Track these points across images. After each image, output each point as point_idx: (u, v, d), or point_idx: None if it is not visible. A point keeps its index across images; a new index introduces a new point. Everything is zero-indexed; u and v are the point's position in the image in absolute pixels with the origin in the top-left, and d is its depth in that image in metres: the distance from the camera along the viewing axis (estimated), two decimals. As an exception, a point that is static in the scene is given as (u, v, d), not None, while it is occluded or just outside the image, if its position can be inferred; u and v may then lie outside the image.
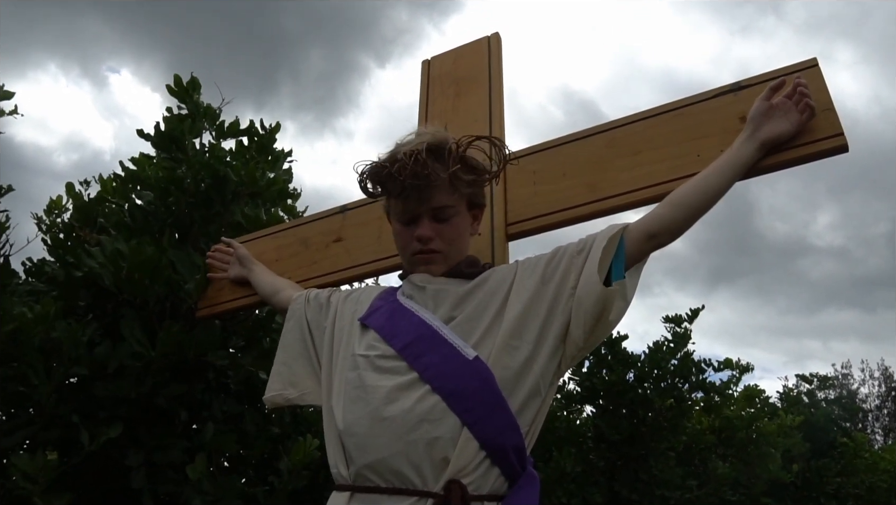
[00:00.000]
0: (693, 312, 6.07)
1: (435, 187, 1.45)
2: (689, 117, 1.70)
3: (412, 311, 1.45)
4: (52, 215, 3.71)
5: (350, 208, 2.16)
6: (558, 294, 1.41)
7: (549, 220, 1.76)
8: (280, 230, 2.32)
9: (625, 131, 1.77)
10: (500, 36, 2.23)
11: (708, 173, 1.48)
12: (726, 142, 1.60)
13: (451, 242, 1.51)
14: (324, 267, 2.11)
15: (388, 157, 1.47)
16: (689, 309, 6.10)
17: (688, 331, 5.98)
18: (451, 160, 1.43)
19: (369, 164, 1.51)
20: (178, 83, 3.14)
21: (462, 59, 2.24)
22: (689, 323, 6.03)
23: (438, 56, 2.32)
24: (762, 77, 1.65)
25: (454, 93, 2.17)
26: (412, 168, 1.40)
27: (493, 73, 2.12)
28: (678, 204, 1.45)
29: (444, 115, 2.13)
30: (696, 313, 6.06)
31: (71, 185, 3.44)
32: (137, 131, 3.09)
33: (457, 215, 1.51)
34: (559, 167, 1.82)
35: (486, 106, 2.04)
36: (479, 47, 2.22)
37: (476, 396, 1.30)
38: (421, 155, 1.40)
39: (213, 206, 2.90)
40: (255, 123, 3.30)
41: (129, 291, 2.46)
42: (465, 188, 1.49)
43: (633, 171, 1.70)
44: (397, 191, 1.48)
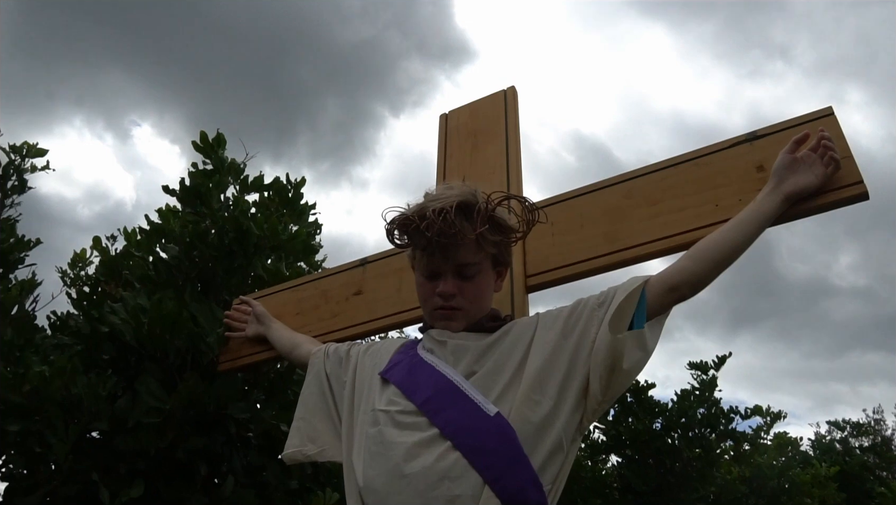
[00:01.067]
0: (720, 360, 5.97)
1: (461, 245, 1.46)
2: (706, 167, 1.70)
3: (432, 365, 1.44)
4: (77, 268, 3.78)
5: (370, 261, 2.18)
6: (579, 347, 1.39)
7: (568, 271, 1.76)
8: (300, 283, 2.34)
9: (642, 182, 1.78)
10: (516, 89, 2.27)
11: (732, 226, 1.47)
12: (744, 191, 1.59)
13: (473, 300, 1.50)
14: (344, 320, 2.11)
15: (417, 212, 1.47)
16: (716, 356, 6.01)
17: (714, 378, 5.87)
18: (480, 220, 1.44)
19: (398, 215, 1.52)
20: (203, 139, 3.22)
21: (479, 111, 2.28)
22: (716, 370, 5.92)
23: (456, 109, 2.36)
24: (778, 126, 1.65)
25: (471, 145, 2.20)
26: (440, 225, 1.41)
27: (509, 125, 2.15)
28: (701, 257, 1.44)
29: (461, 167, 2.16)
30: (722, 361, 5.96)
31: (98, 239, 3.52)
32: (163, 187, 3.16)
33: (481, 273, 1.51)
34: (577, 218, 1.82)
35: (503, 158, 2.06)
36: (496, 100, 2.26)
37: (497, 452, 1.28)
38: (450, 214, 1.41)
39: (236, 259, 2.94)
40: (279, 178, 3.36)
41: (150, 346, 2.48)
42: (491, 248, 1.50)
43: (651, 221, 1.70)
44: (423, 245, 1.49)
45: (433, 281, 1.51)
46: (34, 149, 5.10)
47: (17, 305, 2.56)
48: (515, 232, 1.56)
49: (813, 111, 1.62)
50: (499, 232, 1.50)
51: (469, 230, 1.44)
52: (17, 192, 5.00)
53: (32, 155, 5.10)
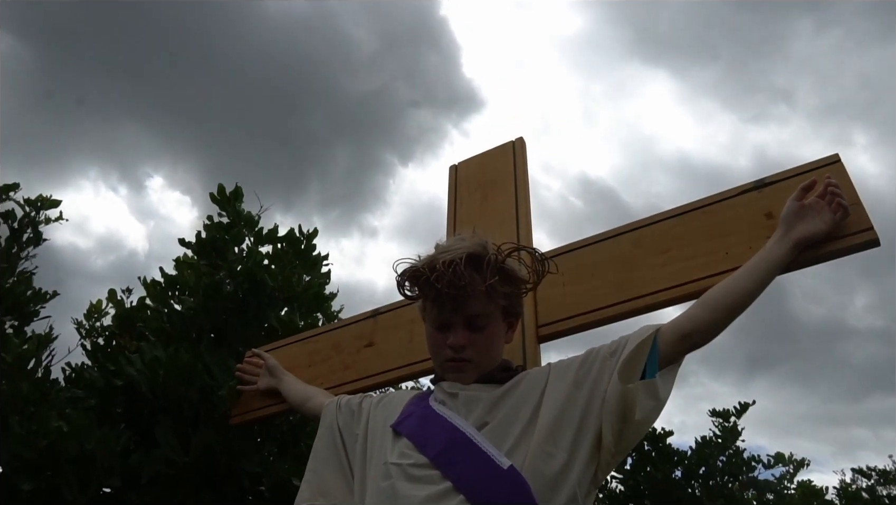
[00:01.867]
0: (741, 407, 5.85)
1: (471, 296, 1.46)
2: (715, 215, 1.71)
3: (444, 417, 1.43)
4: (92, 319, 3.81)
5: (382, 312, 2.18)
6: (591, 398, 1.38)
7: (579, 321, 1.75)
8: (312, 335, 2.34)
9: (652, 230, 1.79)
10: (524, 140, 2.30)
11: (742, 274, 1.47)
12: (754, 238, 1.60)
13: (483, 352, 1.50)
14: (356, 372, 2.11)
15: (428, 263, 1.48)
16: (738, 402, 5.89)
17: (736, 426, 5.75)
18: (490, 271, 1.45)
19: (408, 267, 1.53)
20: (220, 192, 3.29)
21: (488, 162, 2.31)
22: (738, 418, 5.81)
23: (465, 161, 2.39)
24: (785, 174, 1.66)
25: (481, 196, 2.23)
26: (450, 277, 1.42)
27: (518, 176, 2.17)
28: (712, 305, 1.44)
29: (471, 217, 2.17)
30: (744, 408, 5.84)
31: (113, 291, 3.56)
32: (179, 240, 3.21)
33: (491, 324, 1.51)
34: (588, 267, 1.83)
35: (512, 209, 2.08)
36: (504, 151, 2.29)
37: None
38: (460, 266, 1.42)
39: (250, 310, 2.96)
40: (293, 230, 3.40)
41: (164, 397, 2.49)
42: (501, 299, 1.50)
43: (662, 269, 1.70)
44: (434, 296, 1.49)
45: (444, 333, 1.52)
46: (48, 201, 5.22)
47: (34, 359, 2.58)
48: (526, 283, 1.57)
49: (819, 158, 1.63)
50: (509, 283, 1.51)
51: (479, 282, 1.44)
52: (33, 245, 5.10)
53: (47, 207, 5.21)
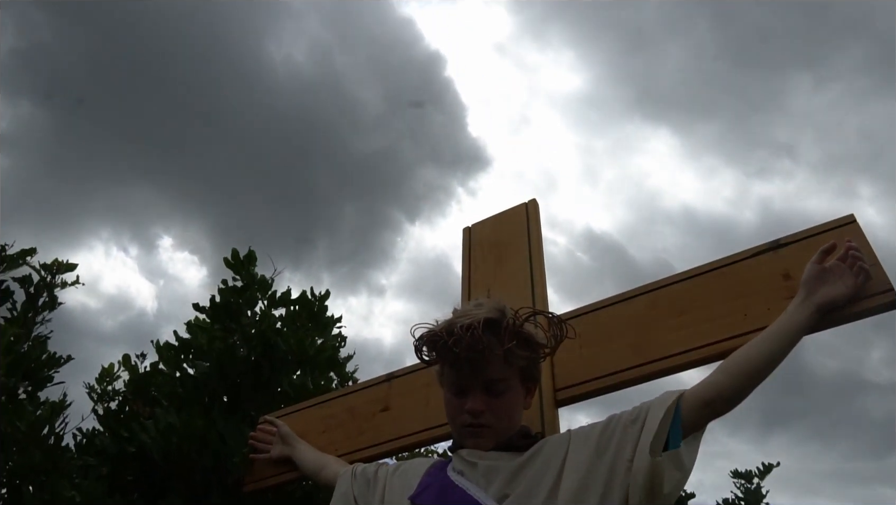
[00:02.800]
0: (765, 468, 5.68)
1: (489, 361, 1.45)
2: (731, 276, 1.70)
3: (464, 489, 1.40)
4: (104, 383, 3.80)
5: (397, 376, 2.16)
6: (614, 467, 1.35)
7: (597, 385, 1.73)
8: (326, 400, 2.32)
9: (668, 292, 1.78)
10: (537, 202, 2.32)
11: (764, 339, 1.45)
12: (772, 300, 1.58)
13: (502, 417, 1.48)
14: (371, 437, 2.08)
15: (446, 328, 1.48)
16: (762, 463, 5.72)
17: (760, 487, 5.57)
18: (507, 336, 1.44)
19: (426, 331, 1.53)
20: (234, 257, 3.31)
21: (501, 225, 2.32)
22: (761, 479, 5.63)
23: (478, 223, 2.41)
24: (801, 235, 1.66)
25: (495, 258, 2.23)
26: (468, 342, 1.41)
27: (532, 238, 2.18)
28: (735, 371, 1.42)
29: (486, 280, 2.18)
30: (768, 469, 5.67)
31: (127, 356, 3.55)
32: (193, 305, 3.22)
33: (509, 390, 1.49)
34: (604, 329, 1.81)
35: (527, 271, 2.08)
36: (518, 213, 2.30)
37: None
38: (478, 330, 1.42)
39: (263, 374, 2.94)
40: (306, 293, 3.41)
41: (177, 464, 2.45)
42: (520, 363, 1.49)
43: (679, 332, 1.68)
44: (451, 361, 1.49)
45: (461, 397, 1.50)
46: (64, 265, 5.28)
47: (47, 427, 2.56)
48: (544, 347, 1.56)
49: (835, 219, 1.63)
50: (527, 348, 1.50)
51: (497, 346, 1.44)
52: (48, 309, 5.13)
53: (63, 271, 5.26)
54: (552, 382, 1.80)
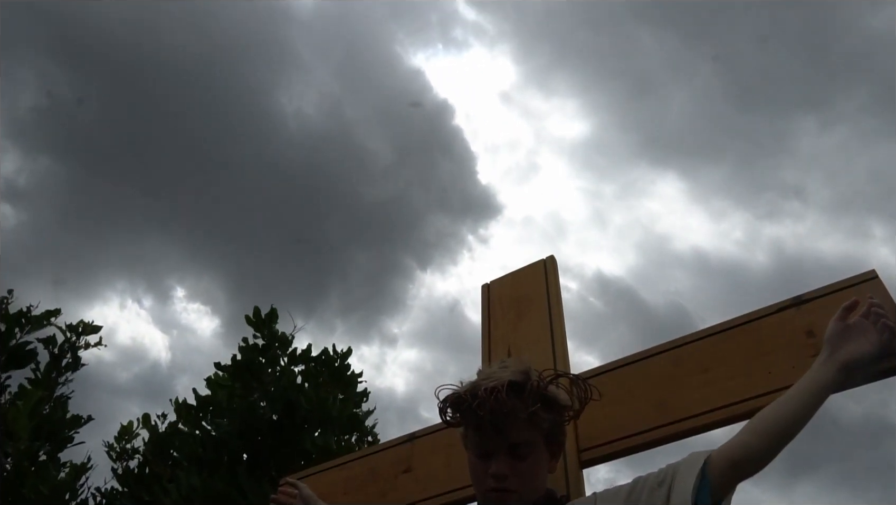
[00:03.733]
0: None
1: (514, 424, 1.45)
2: (754, 333, 1.69)
3: None
4: (123, 441, 3.80)
5: (419, 436, 2.15)
6: None
7: (621, 445, 1.71)
8: (348, 461, 2.31)
9: (690, 349, 1.77)
10: (555, 259, 2.33)
11: (790, 398, 1.44)
12: (796, 356, 1.57)
13: (527, 481, 1.47)
14: (394, 499, 2.06)
15: (470, 390, 1.48)
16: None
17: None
18: (532, 399, 1.44)
19: (451, 393, 1.53)
20: (256, 314, 3.35)
21: (520, 281, 2.33)
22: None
23: (497, 279, 2.42)
24: (822, 291, 1.66)
25: (515, 315, 2.24)
26: (493, 404, 1.41)
27: (551, 294, 2.19)
28: (762, 432, 1.40)
29: (506, 337, 2.18)
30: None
31: (147, 416, 3.57)
32: (215, 364, 3.24)
33: (534, 452, 1.48)
34: (627, 388, 1.80)
35: (547, 328, 2.08)
36: (536, 270, 2.32)
37: None
38: (502, 393, 1.42)
39: (285, 433, 2.94)
40: (327, 349, 3.43)
41: (198, 529, 2.44)
42: (544, 426, 1.49)
43: (703, 389, 1.67)
44: (476, 423, 1.48)
45: (486, 461, 1.49)
46: (89, 326, 5.35)
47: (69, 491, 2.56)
48: (569, 410, 1.55)
49: (856, 275, 1.63)
50: (552, 410, 1.49)
51: (521, 408, 1.43)
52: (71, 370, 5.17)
53: (88, 333, 5.33)
54: (576, 442, 1.78)
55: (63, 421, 3.81)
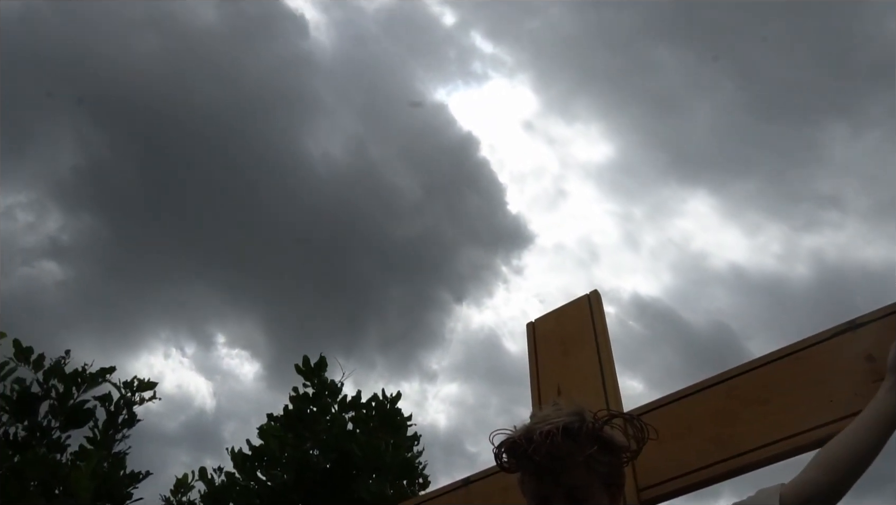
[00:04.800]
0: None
1: (570, 468, 1.43)
2: (809, 360, 1.65)
3: None
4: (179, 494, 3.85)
5: (473, 480, 2.14)
6: None
7: (681, 483, 1.67)
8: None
9: (744, 380, 1.73)
10: (599, 293, 2.32)
11: (859, 427, 1.39)
12: (858, 383, 1.53)
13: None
14: (452, 547, 2.04)
15: (525, 434, 1.47)
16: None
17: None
18: (588, 442, 1.42)
19: (506, 438, 1.52)
20: (305, 364, 3.39)
21: (564, 318, 2.32)
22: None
23: (541, 318, 2.42)
24: (877, 314, 1.61)
25: (561, 352, 2.22)
26: (548, 449, 1.40)
27: (598, 331, 2.17)
28: (830, 467, 1.35)
29: (554, 375, 2.16)
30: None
31: (204, 469, 3.61)
32: (268, 415, 3.28)
33: (593, 497, 1.46)
34: (683, 423, 1.77)
35: (595, 364, 2.06)
36: (580, 306, 2.30)
37: None
38: (557, 436, 1.40)
39: (339, 482, 2.94)
40: (377, 395, 3.44)
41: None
42: (602, 469, 1.46)
43: (761, 422, 1.62)
44: (532, 469, 1.47)
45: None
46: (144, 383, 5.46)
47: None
48: (626, 450, 1.52)
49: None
50: (609, 452, 1.47)
51: (577, 452, 1.41)
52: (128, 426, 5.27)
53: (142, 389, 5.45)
54: (634, 481, 1.75)
55: (122, 478, 3.89)
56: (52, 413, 4.95)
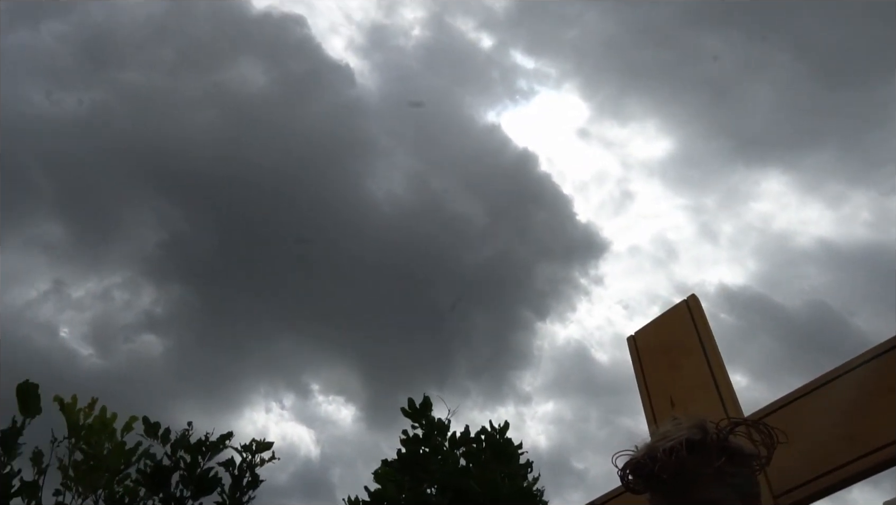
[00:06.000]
0: None
1: (700, 483, 1.39)
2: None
3: None
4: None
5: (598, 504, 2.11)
6: None
7: (816, 486, 1.59)
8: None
9: (870, 368, 1.64)
10: (697, 298, 2.26)
11: None
12: None
13: None
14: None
15: (648, 453, 1.44)
16: None
17: None
18: (714, 454, 1.38)
19: (629, 459, 1.49)
20: (411, 405, 3.43)
21: (664, 328, 2.28)
22: None
23: (641, 330, 2.38)
24: None
25: (667, 363, 2.18)
26: (674, 466, 1.37)
27: (702, 335, 2.11)
28: None
29: (664, 388, 2.12)
30: None
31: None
32: (383, 462, 3.33)
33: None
34: (810, 422, 1.69)
35: (706, 371, 2.01)
36: (679, 313, 2.25)
37: None
38: (681, 452, 1.37)
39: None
40: (485, 428, 3.45)
41: None
42: (734, 480, 1.42)
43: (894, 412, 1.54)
44: (661, 488, 1.44)
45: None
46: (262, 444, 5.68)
47: None
48: (756, 458, 1.47)
49: None
50: (738, 462, 1.42)
51: (704, 465, 1.37)
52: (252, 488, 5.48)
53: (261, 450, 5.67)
54: (769, 489, 1.68)
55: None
56: (184, 483, 5.22)
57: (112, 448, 5.12)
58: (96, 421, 5.17)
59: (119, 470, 5.12)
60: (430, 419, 3.37)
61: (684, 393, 2.01)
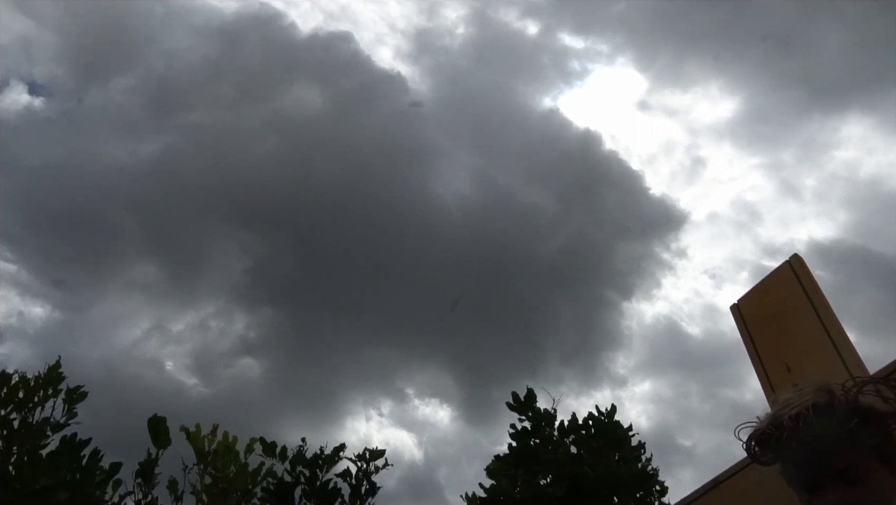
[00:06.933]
0: None
1: (833, 448, 1.33)
2: None
3: None
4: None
5: (722, 480, 2.06)
6: None
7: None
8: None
9: None
10: (800, 257, 2.17)
11: None
12: None
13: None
14: (719, 553, 1.97)
15: (773, 422, 1.39)
16: None
17: None
18: (845, 416, 1.32)
19: (753, 431, 1.45)
20: (515, 399, 3.44)
21: (769, 292, 2.20)
22: None
23: (744, 297, 2.30)
24: None
25: (777, 328, 2.10)
26: (803, 433, 1.32)
27: (811, 295, 2.03)
28: None
29: (777, 353, 2.05)
30: None
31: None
32: (495, 457, 3.36)
33: (869, 473, 1.33)
34: (941, 372, 1.60)
35: (820, 331, 1.92)
36: (784, 275, 2.17)
37: None
38: (809, 417, 1.32)
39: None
40: (593, 413, 3.42)
41: None
42: (869, 442, 1.35)
43: None
44: (791, 458, 1.38)
45: (816, 494, 1.37)
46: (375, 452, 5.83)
47: None
48: (892, 416, 1.39)
49: None
50: (872, 422, 1.35)
51: (834, 429, 1.31)
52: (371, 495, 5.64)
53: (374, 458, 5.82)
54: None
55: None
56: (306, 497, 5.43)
57: (237, 470, 5.39)
58: (220, 446, 5.46)
59: (247, 490, 5.38)
60: (536, 411, 3.36)
61: (800, 357, 1.93)
